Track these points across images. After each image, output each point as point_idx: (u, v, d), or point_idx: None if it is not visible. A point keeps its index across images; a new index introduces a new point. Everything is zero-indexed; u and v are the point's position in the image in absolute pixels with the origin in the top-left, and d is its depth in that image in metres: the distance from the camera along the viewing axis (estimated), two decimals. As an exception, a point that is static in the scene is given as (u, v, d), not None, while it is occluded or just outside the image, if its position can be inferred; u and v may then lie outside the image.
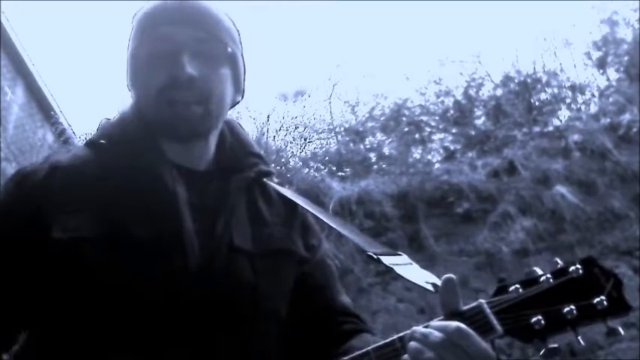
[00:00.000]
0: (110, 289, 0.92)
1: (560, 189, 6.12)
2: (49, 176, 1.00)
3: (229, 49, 1.06)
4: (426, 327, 0.86)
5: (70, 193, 0.98)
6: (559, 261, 0.91)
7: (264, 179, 1.15)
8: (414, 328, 0.86)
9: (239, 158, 1.12)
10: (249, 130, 8.89)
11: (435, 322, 0.86)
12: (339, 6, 19.58)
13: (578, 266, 0.88)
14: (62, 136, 9.63)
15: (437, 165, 7.90)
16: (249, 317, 0.99)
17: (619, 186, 6.17)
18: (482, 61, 9.08)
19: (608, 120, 7.15)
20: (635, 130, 6.73)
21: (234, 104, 1.13)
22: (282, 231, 1.10)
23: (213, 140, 1.10)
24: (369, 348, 0.89)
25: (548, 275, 0.89)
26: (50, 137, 10.68)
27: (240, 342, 0.97)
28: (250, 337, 0.99)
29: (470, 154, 7.76)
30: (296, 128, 9.69)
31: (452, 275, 0.88)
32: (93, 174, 1.01)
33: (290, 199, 1.16)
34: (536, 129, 7.77)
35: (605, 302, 0.86)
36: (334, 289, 1.16)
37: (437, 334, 0.83)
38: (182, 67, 0.99)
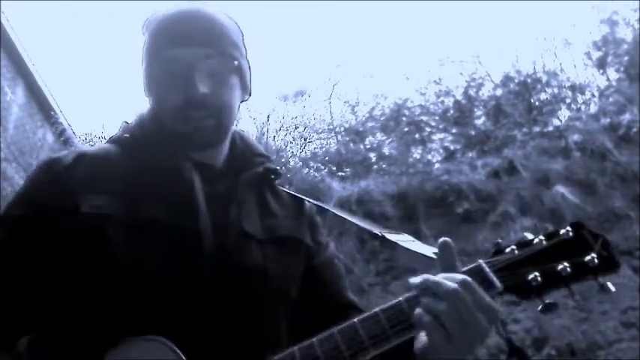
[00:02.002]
0: (129, 268, 0.97)
1: (560, 189, 6.13)
2: (76, 162, 1.07)
3: (236, 63, 1.13)
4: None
5: (96, 177, 1.05)
6: (550, 226, 0.94)
7: (273, 179, 1.23)
8: (424, 275, 0.90)
9: (248, 158, 1.20)
10: (249, 130, 8.90)
11: (444, 274, 0.90)
12: (339, 6, 19.60)
13: (569, 229, 0.93)
14: (62, 136, 9.64)
15: (437, 165, 7.92)
16: (259, 297, 1.04)
17: (619, 186, 6.18)
18: (482, 61, 9.11)
19: (608, 120, 7.16)
20: (635, 130, 6.73)
21: (242, 101, 1.22)
22: (290, 222, 1.18)
23: (226, 145, 1.19)
24: (377, 309, 0.92)
25: (541, 237, 0.93)
26: (50, 137, 10.68)
27: (250, 321, 1.02)
28: (260, 317, 1.04)
29: (470, 154, 7.77)
30: (296, 128, 9.70)
31: (448, 239, 0.94)
32: (117, 162, 1.09)
33: (297, 197, 1.24)
34: (536, 129, 7.78)
35: (595, 260, 0.90)
36: (343, 286, 1.22)
37: (448, 283, 0.87)
38: (195, 88, 1.06)
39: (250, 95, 1.22)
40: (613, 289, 0.89)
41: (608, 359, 4.73)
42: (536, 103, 8.51)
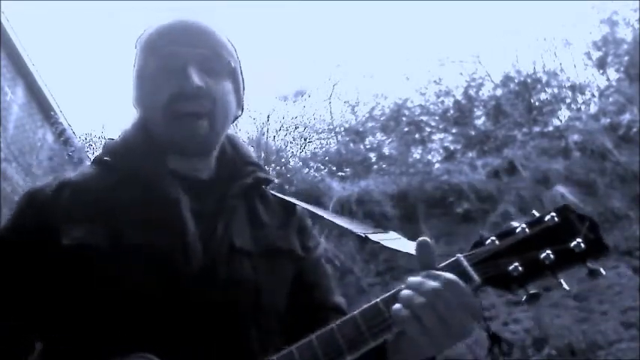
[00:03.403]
0: (116, 296, 0.96)
1: (560, 189, 6.13)
2: (58, 192, 1.05)
3: (232, 64, 1.13)
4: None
5: (78, 206, 1.03)
6: (535, 212, 0.92)
7: (263, 187, 1.20)
8: (409, 279, 0.89)
9: (238, 168, 1.17)
10: (249, 130, 8.90)
11: (427, 272, 0.88)
12: (339, 6, 19.60)
13: (553, 214, 0.89)
14: (62, 136, 9.65)
15: (437, 165, 7.92)
16: (251, 314, 1.02)
17: (619, 186, 6.18)
18: (482, 61, 9.11)
19: (608, 120, 7.16)
20: (635, 130, 6.74)
21: (235, 119, 1.19)
22: (280, 232, 1.15)
23: (214, 153, 1.16)
24: (354, 312, 0.90)
25: (524, 225, 0.90)
26: (50, 137, 10.67)
27: (242, 338, 1.00)
28: (252, 333, 1.02)
29: (470, 154, 7.77)
30: (296, 128, 9.70)
31: (426, 237, 0.92)
32: (99, 188, 1.07)
33: (287, 202, 1.21)
34: (536, 129, 7.78)
35: (582, 244, 0.86)
36: (328, 288, 1.19)
37: (430, 282, 0.86)
38: (189, 78, 1.04)
39: (242, 112, 1.21)
40: (604, 272, 0.86)
41: (608, 359, 4.73)
42: (536, 103, 8.51)
